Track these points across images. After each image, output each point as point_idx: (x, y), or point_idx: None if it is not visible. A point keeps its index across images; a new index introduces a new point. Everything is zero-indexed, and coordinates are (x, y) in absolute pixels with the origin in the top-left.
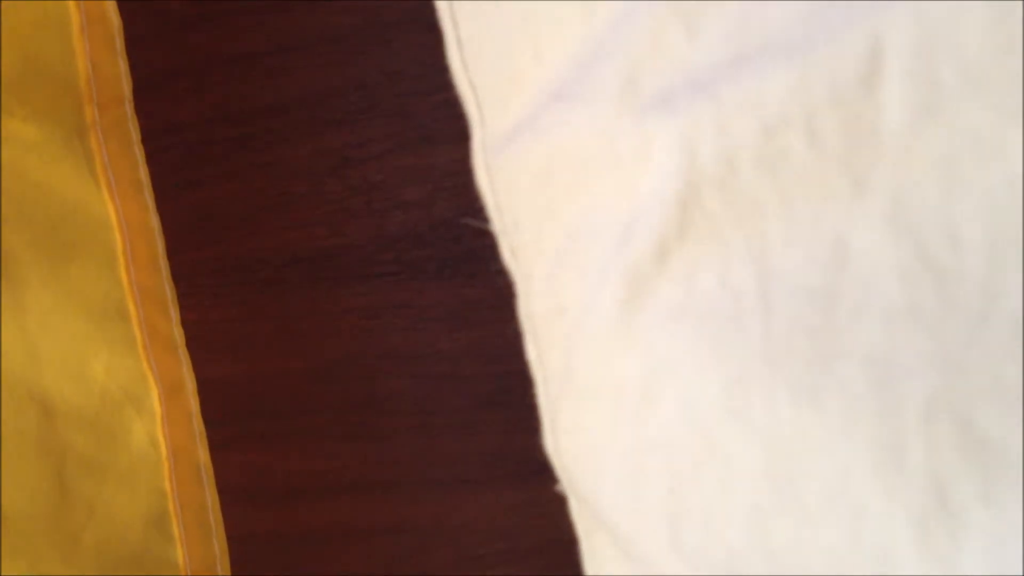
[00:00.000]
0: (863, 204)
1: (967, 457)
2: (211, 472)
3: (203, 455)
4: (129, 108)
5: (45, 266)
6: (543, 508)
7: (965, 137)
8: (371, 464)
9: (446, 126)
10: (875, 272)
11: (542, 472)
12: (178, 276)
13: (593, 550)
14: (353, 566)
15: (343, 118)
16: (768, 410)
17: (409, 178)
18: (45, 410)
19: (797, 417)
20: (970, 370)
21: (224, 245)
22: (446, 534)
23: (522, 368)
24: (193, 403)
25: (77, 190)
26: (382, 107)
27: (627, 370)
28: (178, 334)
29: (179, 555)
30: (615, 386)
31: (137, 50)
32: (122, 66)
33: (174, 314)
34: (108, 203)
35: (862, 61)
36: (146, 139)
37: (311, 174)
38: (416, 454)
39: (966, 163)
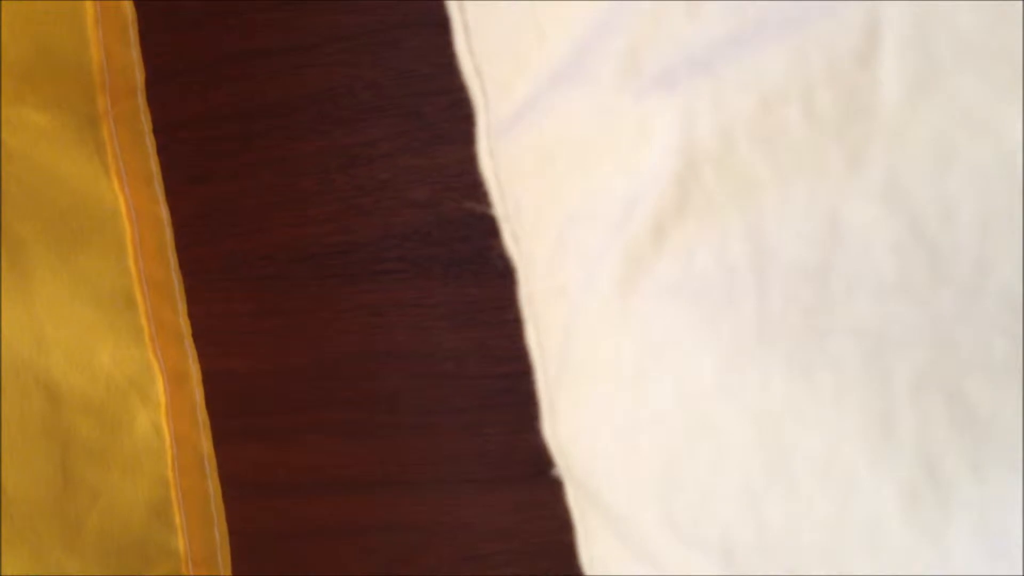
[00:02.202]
0: (858, 179)
1: (957, 430)
2: (214, 462)
3: (206, 445)
4: (141, 99)
5: (54, 254)
6: (546, 509)
7: (959, 112)
8: (374, 462)
9: (455, 126)
10: (868, 247)
11: (546, 472)
12: (185, 271)
13: (587, 533)
14: (354, 564)
15: (352, 117)
16: (761, 386)
17: (417, 177)
18: (51, 397)
19: (789, 392)
20: (961, 343)
21: (231, 241)
22: (448, 533)
23: (527, 369)
24: (198, 393)
25: (88, 179)
26: (392, 106)
27: (623, 349)
28: (184, 325)
29: (180, 544)
30: (611, 365)
31: (147, 45)
32: (135, 56)
33: (181, 305)
34: (118, 193)
35: (859, 36)
36: (155, 134)
37: (319, 172)
38: (419, 452)
39: (960, 138)
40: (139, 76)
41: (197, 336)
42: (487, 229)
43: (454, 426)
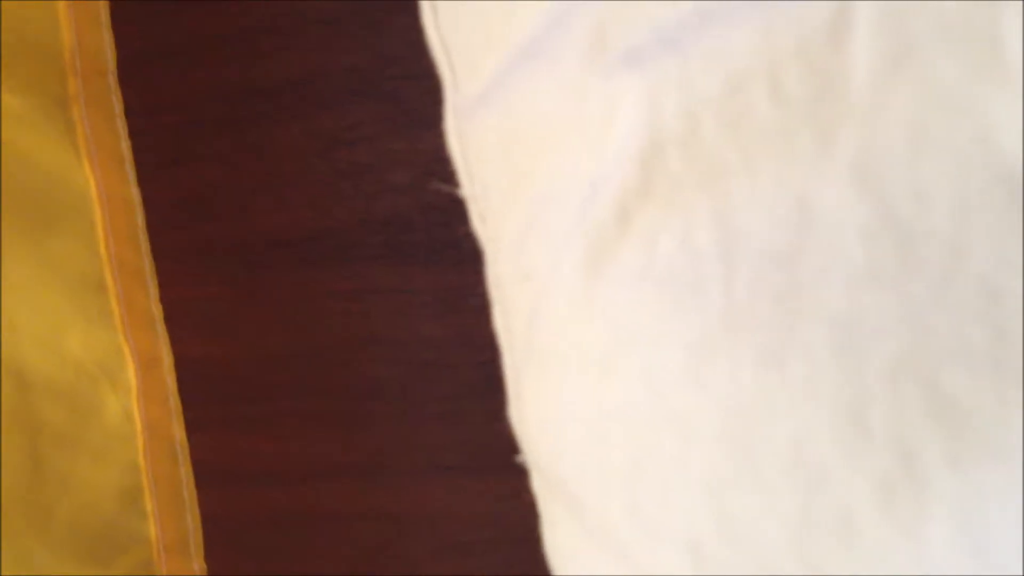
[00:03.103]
0: (828, 162)
1: (933, 420)
2: (186, 449)
3: (178, 431)
4: (112, 81)
5: (24, 237)
6: (526, 497)
7: (934, 93)
8: (353, 450)
9: (437, 111)
10: (839, 232)
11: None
12: (163, 255)
13: (552, 523)
14: (332, 552)
15: (333, 100)
16: (729, 376)
17: (398, 162)
18: (20, 382)
19: (758, 382)
20: (935, 331)
21: (210, 225)
22: (427, 522)
23: None
24: (169, 379)
25: (58, 161)
26: (373, 90)
27: (589, 336)
28: (156, 309)
29: (151, 530)
30: (577, 352)
31: (128, 27)
32: (106, 38)
33: (152, 289)
34: (89, 175)
35: (830, 13)
36: (134, 117)
37: (299, 156)
38: (399, 441)
39: (934, 119)
40: (110, 58)
41: (173, 322)
42: (469, 216)
43: (434, 414)
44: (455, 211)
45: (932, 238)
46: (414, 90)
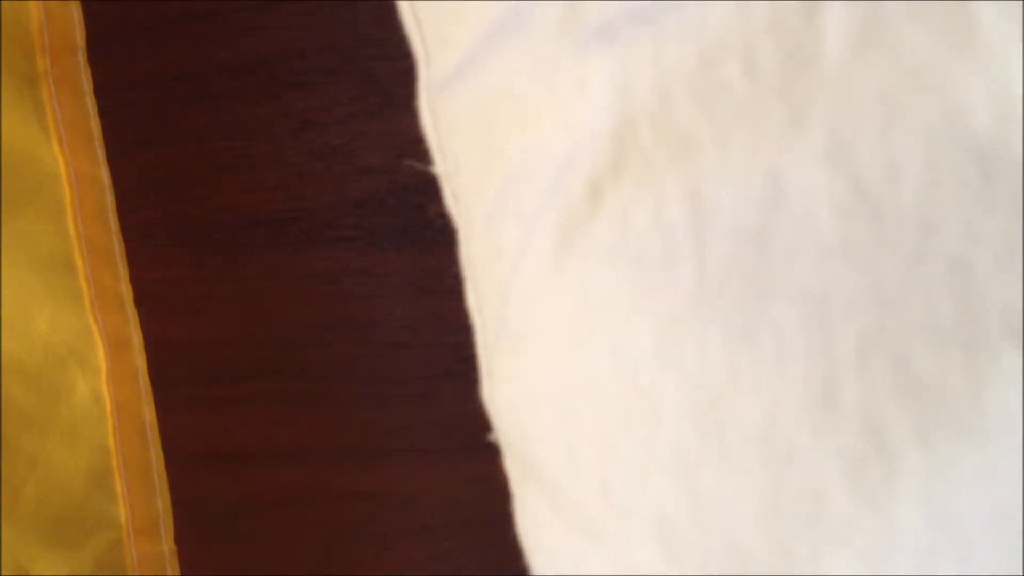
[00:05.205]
0: (800, 138)
1: (903, 397)
2: (156, 431)
3: (148, 413)
4: (82, 59)
5: None
6: (498, 480)
7: (906, 67)
8: (325, 431)
9: (411, 92)
10: (810, 208)
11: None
12: (132, 236)
13: (523, 502)
14: (304, 533)
15: (306, 80)
16: (699, 353)
17: (372, 143)
18: None
19: (728, 360)
20: (906, 308)
21: (181, 206)
22: (399, 503)
23: None
24: (139, 361)
25: (26, 140)
26: (346, 70)
27: (559, 313)
28: (126, 290)
29: (121, 512)
30: (548, 330)
31: (97, 4)
32: (76, 15)
33: (122, 270)
34: (57, 154)
35: None
36: (104, 95)
37: (271, 136)
38: (371, 422)
39: (906, 94)
40: (79, 35)
41: (144, 303)
42: (442, 196)
43: (407, 396)
44: (428, 193)
45: (902, 214)
46: (388, 71)
